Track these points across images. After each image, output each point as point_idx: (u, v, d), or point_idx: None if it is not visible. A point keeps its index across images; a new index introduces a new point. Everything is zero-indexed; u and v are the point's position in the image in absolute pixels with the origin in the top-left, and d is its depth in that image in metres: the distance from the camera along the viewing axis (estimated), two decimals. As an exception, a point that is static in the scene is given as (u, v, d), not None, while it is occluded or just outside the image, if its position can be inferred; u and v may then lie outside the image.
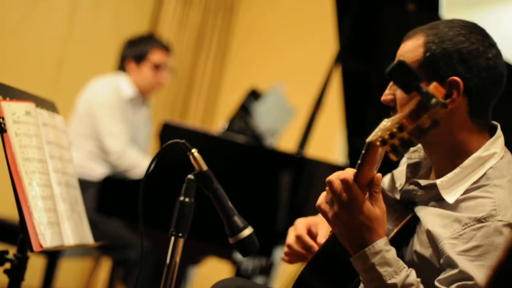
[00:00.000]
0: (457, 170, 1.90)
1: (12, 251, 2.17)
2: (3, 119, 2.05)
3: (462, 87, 1.87)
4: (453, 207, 1.87)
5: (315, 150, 4.62)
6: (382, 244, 1.78)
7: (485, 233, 1.80)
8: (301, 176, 3.71)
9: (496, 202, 1.83)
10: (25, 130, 2.11)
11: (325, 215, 1.83)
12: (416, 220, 1.93)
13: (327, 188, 1.82)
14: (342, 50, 3.80)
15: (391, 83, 1.98)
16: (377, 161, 1.78)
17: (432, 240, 1.86)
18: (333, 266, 1.93)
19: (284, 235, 2.30)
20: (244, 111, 4.60)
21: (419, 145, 2.05)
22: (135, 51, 4.68)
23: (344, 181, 1.78)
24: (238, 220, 2.07)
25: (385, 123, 1.72)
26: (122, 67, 4.72)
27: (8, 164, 2.04)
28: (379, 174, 1.80)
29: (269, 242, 3.54)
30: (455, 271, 1.78)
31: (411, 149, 2.05)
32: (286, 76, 5.75)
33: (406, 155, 2.09)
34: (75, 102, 4.66)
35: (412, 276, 1.79)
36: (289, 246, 2.22)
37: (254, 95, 4.74)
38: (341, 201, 1.79)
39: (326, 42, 4.97)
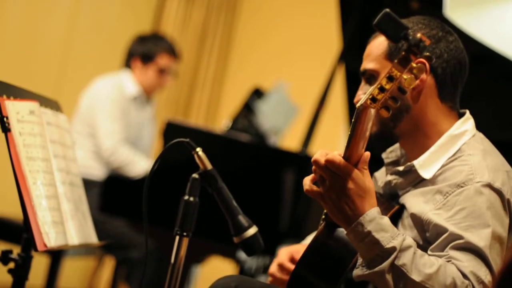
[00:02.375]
0: (433, 148, 1.99)
1: (16, 250, 2.17)
2: (7, 118, 2.05)
3: (428, 67, 1.98)
4: (432, 182, 1.96)
5: (319, 148, 4.60)
6: (375, 212, 1.81)
7: (466, 196, 1.87)
8: (304, 174, 3.68)
9: (472, 167, 1.91)
10: (29, 129, 2.11)
11: (316, 195, 1.85)
12: (402, 211, 1.99)
13: (313, 168, 1.86)
14: (345, 48, 3.79)
15: (362, 84, 2.08)
16: (366, 130, 1.79)
17: (416, 219, 1.92)
18: (323, 257, 1.94)
19: (288, 234, 2.31)
20: (247, 109, 4.59)
21: (396, 145, 2.15)
22: (143, 49, 4.63)
23: (330, 160, 1.80)
24: (242, 219, 2.06)
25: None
26: (127, 63, 4.70)
27: (12, 163, 2.04)
28: (367, 153, 1.83)
29: (273, 241, 3.53)
30: (445, 235, 1.84)
31: (388, 149, 2.12)
32: (290, 75, 5.75)
33: (384, 155, 2.18)
34: (78, 101, 4.66)
35: (409, 239, 1.82)
36: (271, 275, 2.25)
37: (257, 93, 4.73)
38: (332, 175, 1.81)
39: (329, 41, 4.97)
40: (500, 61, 3.13)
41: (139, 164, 4.40)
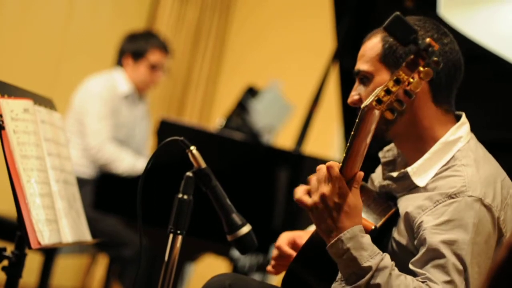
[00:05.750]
0: (427, 155, 1.98)
1: (10, 248, 2.17)
2: (1, 116, 2.05)
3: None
4: (425, 189, 1.95)
5: (313, 147, 4.61)
6: (357, 230, 1.84)
7: (456, 208, 1.87)
8: (298, 173, 3.71)
9: (466, 179, 1.90)
10: (23, 128, 2.11)
11: (305, 204, 1.89)
12: (398, 215, 1.99)
13: (309, 177, 1.89)
14: (340, 47, 3.79)
15: (356, 84, 2.06)
16: (370, 131, 1.80)
17: (408, 222, 1.93)
18: (319, 255, 1.95)
19: (282, 232, 2.31)
20: (241, 108, 4.60)
21: (393, 144, 2.13)
22: (134, 47, 4.65)
23: (329, 167, 1.84)
24: (236, 217, 2.07)
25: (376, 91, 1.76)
26: (119, 61, 4.71)
27: (6, 162, 2.04)
28: (361, 172, 1.85)
29: (266, 239, 3.54)
30: (424, 249, 1.85)
31: (385, 148, 2.12)
32: (284, 73, 5.75)
33: (380, 154, 2.17)
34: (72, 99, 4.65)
35: (387, 259, 1.84)
36: (274, 258, 2.26)
37: (251, 92, 4.73)
38: (323, 187, 1.84)
39: (323, 39, 4.97)
40: (493, 60, 3.14)
41: (125, 161, 4.38)
